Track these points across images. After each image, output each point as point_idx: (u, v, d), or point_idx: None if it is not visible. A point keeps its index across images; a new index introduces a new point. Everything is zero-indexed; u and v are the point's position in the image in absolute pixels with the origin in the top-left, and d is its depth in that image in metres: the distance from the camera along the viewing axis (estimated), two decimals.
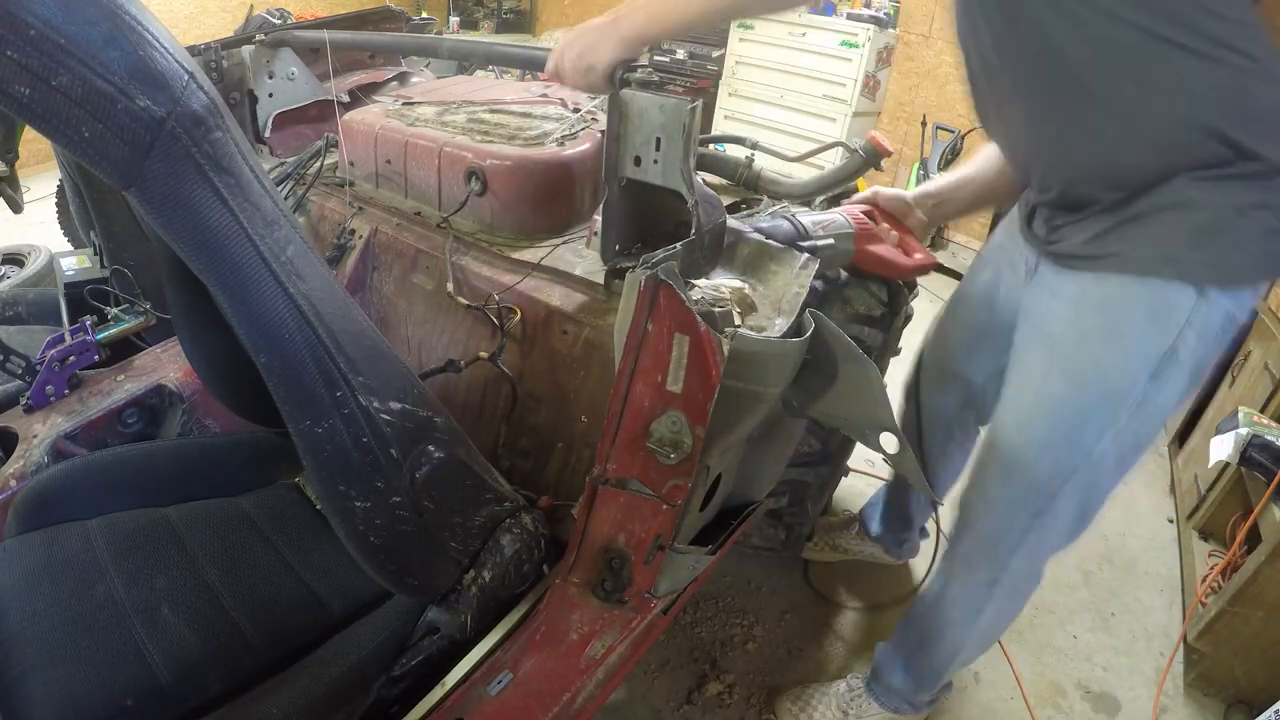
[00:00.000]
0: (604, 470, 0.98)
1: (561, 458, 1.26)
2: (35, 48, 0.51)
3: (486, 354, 1.22)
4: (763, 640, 1.71)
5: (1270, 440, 1.69)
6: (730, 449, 1.05)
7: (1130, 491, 2.40)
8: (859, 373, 1.01)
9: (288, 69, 1.78)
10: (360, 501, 0.78)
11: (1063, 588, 1.97)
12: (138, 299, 1.45)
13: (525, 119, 1.44)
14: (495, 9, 6.33)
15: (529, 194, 1.31)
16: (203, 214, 0.62)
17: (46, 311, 1.78)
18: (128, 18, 0.56)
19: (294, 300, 0.69)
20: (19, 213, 1.70)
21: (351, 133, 1.51)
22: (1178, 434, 2.50)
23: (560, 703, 0.94)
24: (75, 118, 0.54)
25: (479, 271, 1.30)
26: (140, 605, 0.94)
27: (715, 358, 0.85)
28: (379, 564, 0.85)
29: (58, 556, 0.99)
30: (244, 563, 1.04)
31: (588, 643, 1.01)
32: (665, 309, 0.86)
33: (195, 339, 1.04)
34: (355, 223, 1.48)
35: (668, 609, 1.10)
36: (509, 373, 1.24)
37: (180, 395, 1.35)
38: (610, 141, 1.03)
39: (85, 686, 0.84)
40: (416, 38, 1.87)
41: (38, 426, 1.22)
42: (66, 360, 1.28)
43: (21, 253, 2.33)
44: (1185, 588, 1.94)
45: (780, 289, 1.07)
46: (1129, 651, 1.80)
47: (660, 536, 1.00)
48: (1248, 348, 2.18)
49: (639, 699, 1.55)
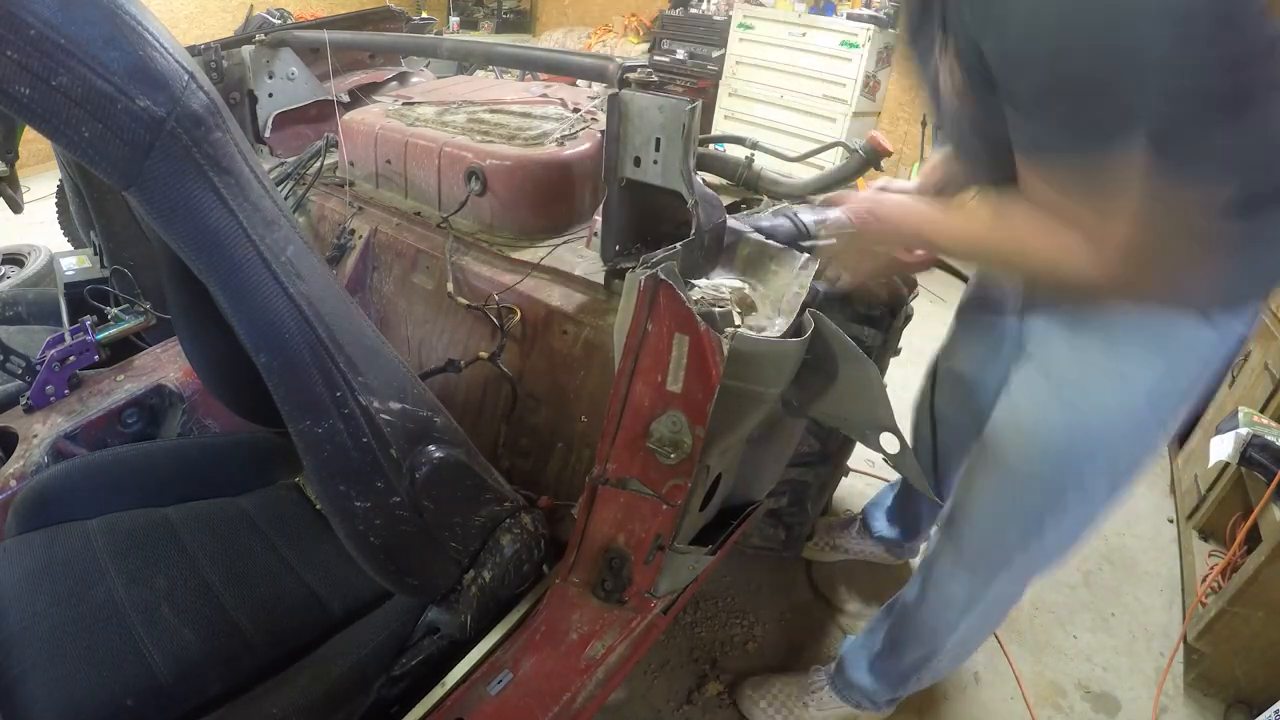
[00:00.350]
0: (604, 470, 0.98)
1: (561, 458, 1.26)
2: (35, 48, 0.51)
3: (486, 354, 1.22)
4: (763, 640, 1.71)
5: (1270, 440, 1.69)
6: (730, 449, 1.05)
7: (1130, 491, 2.41)
8: (859, 372, 1.01)
9: (288, 69, 1.78)
10: (360, 501, 0.78)
11: (1063, 588, 1.97)
12: (138, 299, 1.45)
13: (525, 119, 1.44)
14: (495, 9, 6.34)
15: (529, 194, 1.31)
16: (203, 214, 0.62)
17: (46, 311, 1.78)
18: (128, 18, 0.56)
19: (294, 300, 0.69)
20: (19, 213, 1.70)
21: (351, 133, 1.51)
22: (1177, 434, 2.50)
23: (560, 703, 0.94)
24: (75, 118, 0.54)
25: (479, 271, 1.30)
26: (140, 605, 0.94)
27: (715, 358, 0.85)
28: (379, 564, 0.85)
29: (58, 556, 0.99)
30: (244, 563, 1.04)
31: (588, 643, 1.01)
32: (665, 309, 0.86)
33: (195, 339, 1.04)
34: (355, 223, 1.48)
35: (668, 609, 1.10)
36: (509, 373, 1.24)
37: (180, 395, 1.35)
38: (610, 142, 1.03)
39: (85, 686, 0.84)
40: (415, 38, 1.87)
41: (38, 426, 1.22)
42: (66, 360, 1.28)
43: (21, 253, 2.33)
44: (1185, 588, 1.94)
45: (780, 289, 1.07)
46: (1129, 651, 1.80)
47: (660, 536, 1.00)
48: (1247, 348, 2.18)
49: (639, 699, 1.55)
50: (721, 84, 4.82)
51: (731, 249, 1.14)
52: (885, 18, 4.33)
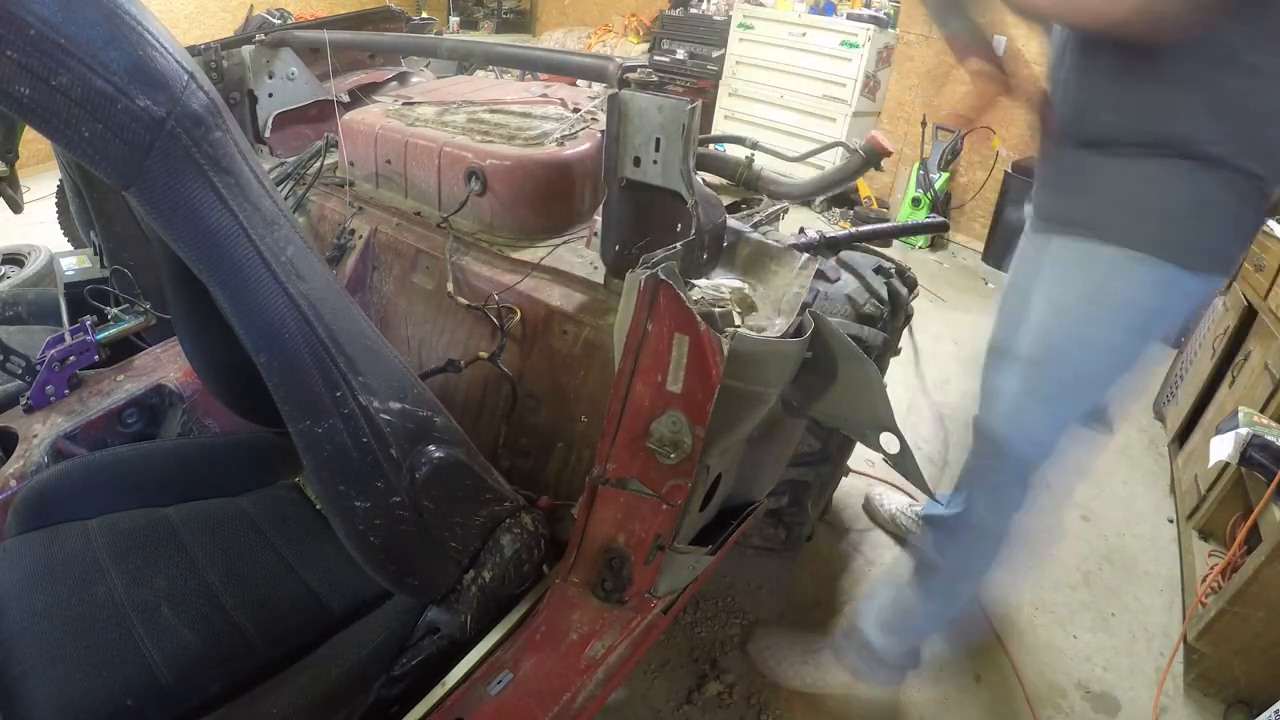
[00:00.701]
0: (604, 470, 0.98)
1: (561, 458, 1.26)
2: (35, 48, 0.51)
3: (486, 354, 1.22)
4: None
5: (1270, 440, 1.69)
6: (730, 449, 1.05)
7: (1130, 491, 2.41)
8: (859, 372, 1.02)
9: (288, 69, 1.78)
10: (360, 501, 0.78)
11: (1063, 588, 1.97)
12: (138, 299, 1.45)
13: (525, 119, 1.44)
14: (495, 9, 6.34)
15: (529, 194, 1.31)
16: (203, 214, 0.62)
17: (46, 311, 1.78)
18: (128, 18, 0.56)
19: (294, 300, 0.69)
20: (19, 213, 1.71)
21: (351, 133, 1.51)
22: (1178, 434, 2.50)
23: (560, 703, 0.94)
24: (75, 118, 0.54)
25: (479, 271, 1.30)
26: (140, 605, 0.94)
27: (715, 358, 0.85)
28: (379, 564, 0.85)
29: (58, 556, 0.99)
30: (244, 563, 1.04)
31: (588, 643, 1.01)
32: (665, 309, 0.86)
33: (195, 339, 1.04)
34: (355, 223, 1.48)
35: (668, 609, 1.10)
36: (509, 372, 1.24)
37: (180, 395, 1.35)
38: (610, 142, 1.03)
39: (85, 686, 0.84)
40: (416, 38, 1.87)
41: (38, 426, 1.22)
42: (66, 360, 1.28)
43: (21, 253, 2.33)
44: (1185, 588, 1.94)
45: (780, 289, 1.07)
46: (1129, 651, 1.80)
47: (660, 536, 1.00)
48: (1247, 348, 2.19)
49: (639, 699, 1.55)
50: (721, 84, 4.83)
51: (732, 249, 1.14)
52: (885, 18, 4.33)
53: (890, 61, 4.50)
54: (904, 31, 4.46)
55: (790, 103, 4.54)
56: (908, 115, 4.58)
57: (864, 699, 1.60)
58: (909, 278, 1.55)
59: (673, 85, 4.94)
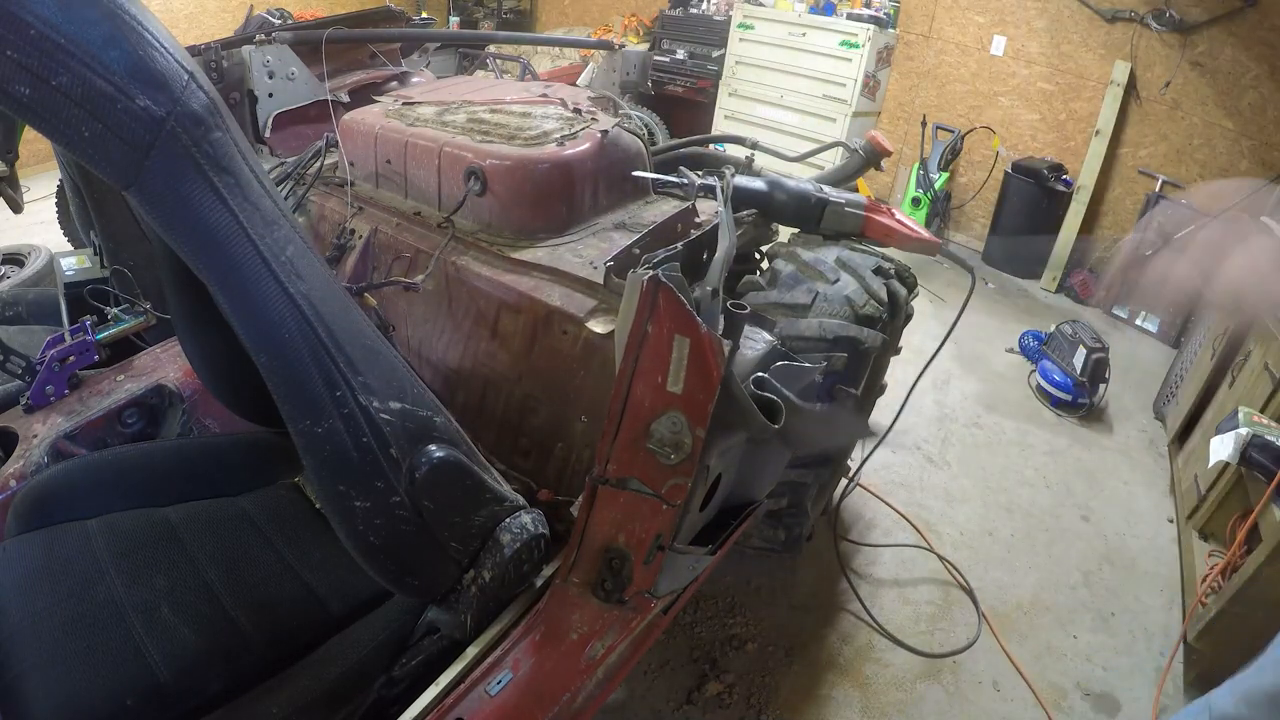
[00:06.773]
0: (604, 470, 0.98)
1: (561, 458, 1.26)
2: (35, 48, 0.51)
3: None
4: (763, 640, 1.71)
5: (1270, 440, 1.69)
6: (731, 449, 1.05)
7: (1130, 491, 2.41)
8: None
9: (288, 69, 1.78)
10: (360, 501, 0.78)
11: (1063, 588, 1.97)
12: (138, 299, 1.45)
13: (525, 119, 1.44)
14: (495, 9, 6.34)
15: (529, 194, 1.31)
16: (202, 214, 0.62)
17: (46, 311, 1.78)
18: (128, 18, 0.56)
19: (294, 300, 0.69)
20: (19, 213, 1.71)
21: (351, 133, 1.51)
22: (1178, 434, 2.50)
23: (560, 703, 0.94)
24: (75, 118, 0.54)
25: (479, 271, 1.30)
26: (140, 605, 0.94)
27: (715, 359, 0.85)
28: (379, 564, 0.84)
29: (58, 557, 0.99)
30: (244, 563, 1.04)
31: (588, 643, 1.01)
32: (666, 310, 0.86)
33: (195, 339, 1.04)
34: (355, 223, 1.48)
35: (668, 609, 1.10)
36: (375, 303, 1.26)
37: (180, 395, 1.35)
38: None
39: (85, 686, 0.84)
40: (417, 31, 1.87)
41: (38, 426, 1.22)
42: (66, 360, 1.28)
43: (21, 253, 2.33)
44: (1185, 588, 1.94)
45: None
46: (1129, 651, 1.80)
47: (660, 536, 1.00)
48: (1247, 348, 2.18)
49: (639, 699, 1.55)
50: (721, 84, 4.83)
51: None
52: (885, 18, 4.33)
53: (890, 61, 4.50)
54: (904, 31, 4.46)
55: (790, 103, 4.54)
56: (908, 115, 4.58)
57: (865, 700, 1.60)
58: (908, 278, 1.55)
59: (673, 85, 4.95)
